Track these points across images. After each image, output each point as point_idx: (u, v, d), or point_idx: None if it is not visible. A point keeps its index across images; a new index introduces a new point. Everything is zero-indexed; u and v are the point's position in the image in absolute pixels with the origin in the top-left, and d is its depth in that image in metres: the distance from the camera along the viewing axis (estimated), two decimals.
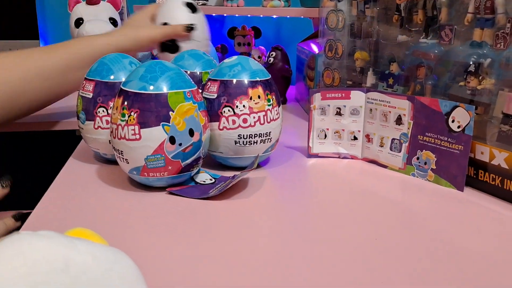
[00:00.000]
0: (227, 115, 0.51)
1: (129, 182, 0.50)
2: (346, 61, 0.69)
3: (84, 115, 0.53)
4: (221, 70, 0.52)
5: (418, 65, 0.57)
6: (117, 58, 0.54)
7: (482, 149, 0.48)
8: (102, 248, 0.21)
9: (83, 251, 0.20)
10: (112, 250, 0.21)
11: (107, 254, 0.21)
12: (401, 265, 0.35)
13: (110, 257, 0.21)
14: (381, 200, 0.48)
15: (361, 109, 0.58)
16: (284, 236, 0.40)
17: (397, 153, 0.55)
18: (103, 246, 0.21)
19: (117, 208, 0.44)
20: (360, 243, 0.39)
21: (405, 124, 0.54)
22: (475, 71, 0.50)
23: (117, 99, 0.46)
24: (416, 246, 0.39)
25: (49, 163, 1.15)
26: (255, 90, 0.51)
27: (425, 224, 0.43)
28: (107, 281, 0.20)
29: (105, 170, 0.54)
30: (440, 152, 0.50)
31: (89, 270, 0.19)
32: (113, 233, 0.39)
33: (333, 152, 0.60)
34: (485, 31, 0.49)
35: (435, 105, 0.50)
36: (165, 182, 0.47)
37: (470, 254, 0.37)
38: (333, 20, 0.69)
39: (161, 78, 0.45)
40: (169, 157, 0.45)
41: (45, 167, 1.21)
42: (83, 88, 0.53)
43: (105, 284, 0.20)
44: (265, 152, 0.54)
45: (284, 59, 0.92)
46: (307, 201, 0.48)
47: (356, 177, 0.54)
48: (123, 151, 0.45)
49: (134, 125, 0.44)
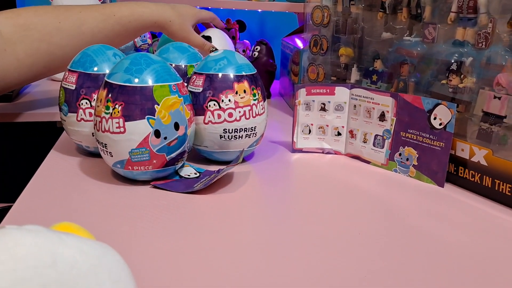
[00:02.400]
0: (213, 109, 0.51)
1: (113, 175, 0.50)
2: (330, 57, 0.69)
3: (67, 107, 0.52)
4: (206, 64, 0.52)
5: (401, 62, 0.58)
6: (100, 49, 0.53)
7: (463, 146, 0.49)
8: (89, 242, 0.21)
9: (70, 246, 0.19)
10: (99, 245, 0.21)
11: (95, 248, 0.20)
12: (383, 259, 0.36)
13: (98, 252, 0.20)
14: (363, 195, 0.49)
15: (345, 105, 0.58)
16: (268, 230, 0.40)
17: (380, 149, 0.55)
18: (90, 240, 0.21)
19: (101, 202, 0.44)
20: (343, 238, 0.39)
21: (388, 121, 0.54)
22: (457, 69, 0.50)
23: (101, 91, 0.45)
24: (397, 240, 0.39)
25: (30, 156, 1.14)
26: (241, 85, 0.51)
27: (407, 219, 0.43)
28: (95, 276, 0.20)
29: (88, 163, 0.53)
30: (422, 149, 0.51)
31: (77, 265, 0.19)
32: (97, 227, 0.39)
33: (317, 147, 0.60)
34: (468, 30, 0.49)
35: (418, 102, 0.51)
36: (149, 176, 0.47)
37: (450, 248, 0.38)
38: (318, 16, 0.69)
39: (146, 71, 0.44)
40: (153, 151, 0.45)
41: (25, 160, 1.19)
42: (66, 79, 0.53)
43: (93, 279, 0.20)
44: (250, 147, 0.54)
45: (268, 53, 0.92)
46: (291, 195, 0.49)
47: (339, 172, 0.55)
48: (107, 144, 0.45)
49: (119, 118, 0.44)
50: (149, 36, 1.07)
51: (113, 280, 0.21)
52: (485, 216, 0.45)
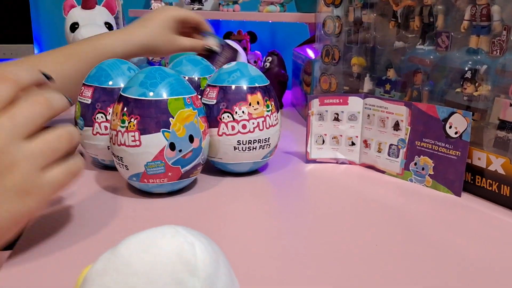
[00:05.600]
0: (226, 121, 0.51)
1: (128, 188, 0.50)
2: (342, 66, 0.69)
3: (83, 121, 0.53)
4: (220, 76, 0.52)
5: (415, 71, 0.57)
6: (115, 63, 0.54)
7: (479, 155, 0.48)
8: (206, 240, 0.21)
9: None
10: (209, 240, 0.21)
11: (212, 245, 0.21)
12: (401, 270, 0.36)
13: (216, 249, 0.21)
14: (379, 205, 0.48)
15: (359, 114, 0.58)
16: (283, 241, 0.40)
17: (395, 159, 0.55)
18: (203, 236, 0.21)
19: (117, 214, 0.44)
20: (360, 248, 0.39)
21: (403, 130, 0.54)
22: (471, 77, 0.50)
23: (117, 105, 0.46)
24: (415, 251, 0.39)
25: None
26: (254, 96, 0.51)
27: (424, 229, 0.43)
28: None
29: (104, 176, 0.53)
30: (437, 158, 0.51)
31: (210, 267, 0.19)
32: (114, 240, 0.39)
33: (331, 158, 0.60)
34: (481, 38, 0.49)
35: (433, 111, 0.51)
36: (164, 188, 0.47)
37: (468, 259, 0.38)
38: (330, 26, 0.70)
39: (161, 85, 0.45)
40: (169, 164, 0.45)
41: None
42: (82, 94, 0.53)
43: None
44: (264, 158, 0.54)
45: (280, 64, 0.92)
46: (306, 206, 0.48)
47: (354, 183, 0.54)
48: (123, 158, 0.45)
49: (134, 131, 0.44)
50: None
51: (229, 269, 0.21)
52: (503, 225, 0.44)
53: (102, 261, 0.20)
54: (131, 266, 0.18)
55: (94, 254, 0.37)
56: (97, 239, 0.39)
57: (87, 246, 0.38)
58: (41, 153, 0.32)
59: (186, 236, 0.20)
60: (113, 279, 0.19)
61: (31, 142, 0.32)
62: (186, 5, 1.16)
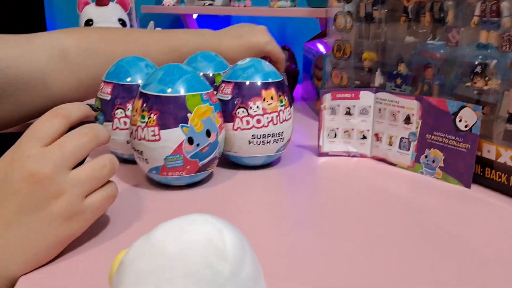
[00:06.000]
0: (241, 116, 0.52)
1: (148, 181, 0.52)
2: (354, 61, 0.70)
3: (103, 117, 0.55)
4: (234, 72, 0.54)
5: (425, 65, 0.59)
6: (133, 61, 0.56)
7: (489, 147, 0.50)
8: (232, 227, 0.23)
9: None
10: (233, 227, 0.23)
11: (238, 231, 0.23)
12: (410, 260, 0.37)
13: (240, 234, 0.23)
14: (390, 197, 0.50)
15: (370, 109, 0.59)
16: (297, 232, 0.42)
17: (405, 152, 0.56)
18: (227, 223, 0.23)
19: (138, 206, 0.46)
20: (370, 239, 0.41)
21: (414, 124, 0.55)
22: (481, 72, 0.51)
23: (137, 101, 0.48)
24: (425, 242, 0.40)
25: None
26: (268, 92, 0.53)
27: (434, 220, 0.44)
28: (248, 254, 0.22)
29: (123, 170, 0.55)
30: (448, 151, 0.52)
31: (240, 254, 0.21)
32: (135, 231, 0.41)
33: (343, 151, 0.61)
34: (491, 33, 0.50)
35: (443, 105, 0.52)
36: (183, 181, 0.49)
37: (477, 249, 0.39)
38: (341, 22, 0.71)
39: (179, 81, 0.47)
40: (187, 157, 0.47)
41: None
42: (101, 90, 0.55)
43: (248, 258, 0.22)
44: (278, 152, 0.55)
45: (291, 59, 0.93)
46: (318, 198, 0.50)
47: (366, 175, 0.56)
48: (143, 152, 0.47)
49: (154, 126, 0.46)
50: None
51: (252, 254, 0.23)
52: None
53: (137, 246, 0.21)
54: (165, 250, 0.20)
55: (122, 242, 0.39)
56: (124, 228, 0.41)
57: (115, 235, 0.40)
58: (86, 181, 0.35)
59: (215, 223, 0.21)
60: (148, 262, 0.20)
61: (77, 171, 0.35)
62: (198, 1, 1.18)
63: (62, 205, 0.34)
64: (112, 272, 0.24)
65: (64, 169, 0.34)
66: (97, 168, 0.36)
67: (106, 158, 0.38)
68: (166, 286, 0.20)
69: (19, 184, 0.33)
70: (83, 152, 0.36)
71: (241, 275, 0.21)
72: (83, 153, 0.36)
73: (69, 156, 0.35)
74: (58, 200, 0.34)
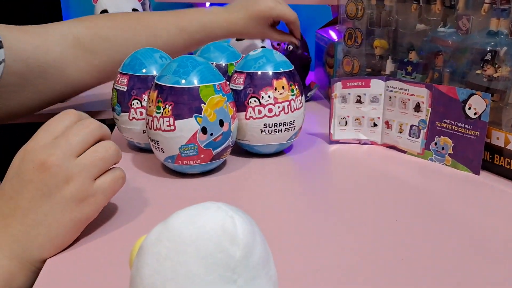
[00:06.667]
0: (253, 106, 0.54)
1: (163, 169, 0.54)
2: (365, 49, 0.71)
3: (119, 107, 0.57)
4: (247, 63, 0.55)
5: (436, 53, 0.59)
6: (148, 52, 0.57)
7: (498, 134, 0.50)
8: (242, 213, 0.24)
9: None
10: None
11: (248, 218, 0.24)
12: (420, 245, 0.39)
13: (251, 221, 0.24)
14: (400, 183, 0.51)
15: (380, 97, 0.60)
16: (308, 217, 0.44)
17: (415, 139, 0.57)
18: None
19: (154, 194, 0.48)
20: (381, 224, 0.42)
21: (424, 111, 0.56)
22: (491, 59, 0.51)
23: (152, 92, 0.49)
24: (435, 227, 0.41)
25: None
26: (279, 81, 0.54)
27: (444, 206, 0.45)
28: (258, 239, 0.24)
29: (140, 158, 0.57)
30: (457, 138, 0.53)
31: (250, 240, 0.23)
32: (152, 218, 0.43)
33: (353, 138, 0.62)
34: (501, 21, 0.50)
35: (453, 92, 0.53)
36: (197, 169, 0.50)
37: (486, 234, 0.40)
38: (352, 9, 0.71)
39: (192, 73, 0.48)
40: (201, 146, 0.48)
41: None
42: (118, 81, 0.57)
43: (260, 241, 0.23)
44: (289, 140, 0.57)
45: (303, 47, 0.94)
46: (330, 185, 0.51)
47: (376, 162, 0.57)
48: (159, 141, 0.49)
49: (169, 117, 0.48)
50: None
51: (263, 239, 0.24)
52: None
53: (156, 232, 0.23)
54: (181, 235, 0.22)
55: (140, 226, 0.41)
56: (141, 213, 0.43)
57: (132, 219, 0.42)
58: (92, 164, 0.38)
59: (227, 210, 0.23)
60: (166, 247, 0.22)
61: (82, 157, 0.37)
62: None
63: (73, 189, 0.36)
64: (132, 256, 0.26)
65: (70, 157, 0.37)
66: (101, 151, 0.38)
67: (108, 142, 0.40)
68: (181, 268, 0.21)
69: (31, 174, 0.36)
70: (88, 140, 0.38)
71: (252, 259, 0.22)
72: (89, 141, 0.38)
73: (75, 145, 0.37)
74: (68, 185, 0.36)
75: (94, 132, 0.39)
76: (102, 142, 0.39)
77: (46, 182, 0.36)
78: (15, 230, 0.35)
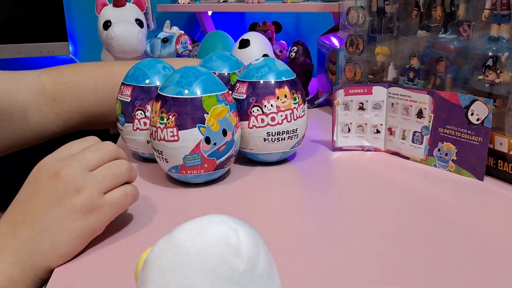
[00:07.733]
0: (256, 114, 0.54)
1: (168, 179, 0.54)
2: (367, 55, 0.71)
3: (123, 118, 0.57)
4: (249, 72, 0.56)
5: (438, 59, 0.59)
6: (151, 63, 0.58)
7: (501, 140, 0.50)
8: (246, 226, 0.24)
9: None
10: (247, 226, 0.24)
11: (252, 231, 0.24)
12: (424, 251, 0.39)
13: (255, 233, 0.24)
14: (404, 190, 0.51)
15: (383, 103, 0.60)
16: (313, 225, 0.44)
17: (419, 145, 0.57)
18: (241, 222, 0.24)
19: (158, 204, 0.48)
20: (385, 231, 0.42)
21: (426, 117, 0.56)
22: (493, 65, 0.51)
23: (155, 103, 0.50)
24: (439, 233, 0.41)
25: None
26: (282, 90, 0.54)
27: (448, 212, 0.45)
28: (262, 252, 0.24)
29: (144, 168, 0.58)
30: (460, 144, 0.53)
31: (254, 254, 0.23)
32: (157, 228, 0.43)
33: (357, 145, 0.62)
34: (502, 27, 0.50)
35: (455, 99, 0.53)
36: (201, 179, 0.51)
37: (490, 240, 0.40)
38: (354, 16, 0.71)
39: (195, 83, 0.48)
40: (205, 156, 0.49)
41: None
42: (121, 92, 0.57)
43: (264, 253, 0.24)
44: (293, 148, 0.57)
45: (305, 53, 0.94)
46: (334, 192, 0.51)
47: (380, 169, 0.57)
48: (163, 151, 0.49)
49: (173, 127, 0.48)
50: (190, 42, 1.11)
51: (267, 252, 0.25)
52: None
53: (160, 245, 0.23)
54: (185, 248, 0.22)
55: (145, 236, 0.41)
56: (147, 224, 0.43)
57: (138, 230, 0.42)
58: (103, 177, 0.39)
59: (230, 223, 0.23)
60: (170, 260, 0.22)
61: (95, 171, 0.39)
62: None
63: (82, 199, 0.38)
64: (137, 269, 0.26)
65: (84, 170, 0.39)
66: (113, 167, 0.40)
67: (122, 160, 0.42)
68: (186, 281, 0.21)
69: (45, 181, 0.38)
70: (104, 158, 0.40)
71: (256, 272, 0.22)
72: (104, 159, 0.40)
73: (90, 159, 0.39)
74: (78, 195, 0.38)
75: (111, 153, 0.41)
76: (117, 160, 0.41)
77: (57, 189, 0.37)
78: (22, 235, 0.36)
